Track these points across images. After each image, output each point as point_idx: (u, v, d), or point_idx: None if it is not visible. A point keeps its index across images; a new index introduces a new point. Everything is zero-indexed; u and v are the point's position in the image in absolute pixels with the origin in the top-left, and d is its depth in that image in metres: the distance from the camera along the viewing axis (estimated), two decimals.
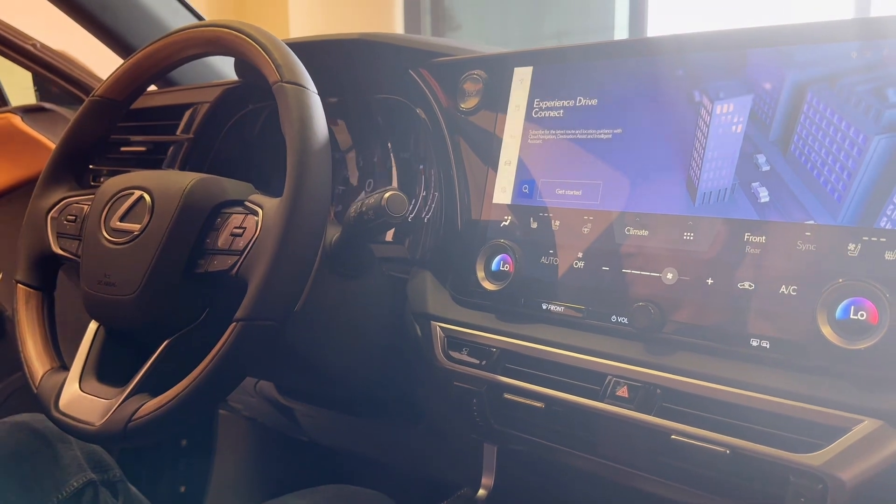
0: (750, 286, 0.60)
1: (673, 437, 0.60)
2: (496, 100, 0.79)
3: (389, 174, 0.97)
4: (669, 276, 0.64)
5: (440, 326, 0.77)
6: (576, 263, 0.70)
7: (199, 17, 1.22)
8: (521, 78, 0.77)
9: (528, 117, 0.76)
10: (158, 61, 0.78)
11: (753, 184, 0.62)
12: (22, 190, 1.32)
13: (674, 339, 0.63)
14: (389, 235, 0.93)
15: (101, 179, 1.07)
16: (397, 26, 3.85)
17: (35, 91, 1.45)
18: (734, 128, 0.63)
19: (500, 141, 0.78)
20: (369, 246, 0.80)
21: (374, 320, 0.83)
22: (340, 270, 0.77)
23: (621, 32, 3.61)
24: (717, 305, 0.62)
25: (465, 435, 0.80)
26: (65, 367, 0.75)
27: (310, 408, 1.01)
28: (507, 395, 0.70)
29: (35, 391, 0.74)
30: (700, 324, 0.62)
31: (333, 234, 0.75)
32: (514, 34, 4.19)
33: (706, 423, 0.59)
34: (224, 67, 1.18)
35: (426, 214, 0.90)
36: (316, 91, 0.68)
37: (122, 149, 1.05)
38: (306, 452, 1.21)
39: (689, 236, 0.64)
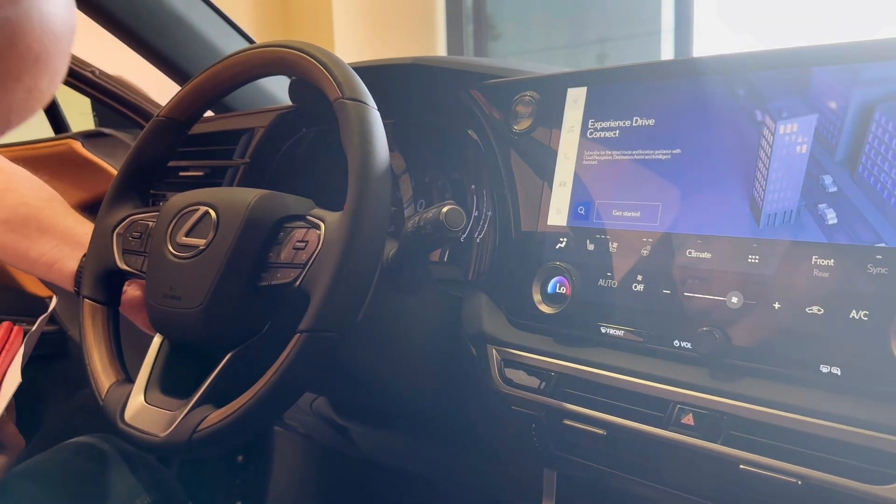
0: (819, 311, 0.59)
1: (742, 466, 0.59)
2: (549, 120, 0.79)
3: (441, 194, 0.97)
4: (734, 299, 0.63)
5: (496, 349, 0.77)
6: (635, 286, 0.69)
7: (252, 42, 1.24)
8: (575, 98, 0.77)
9: (583, 138, 0.76)
10: (221, 82, 0.80)
11: (820, 205, 0.60)
12: (83, 213, 1.36)
13: (740, 364, 0.62)
14: (441, 255, 0.94)
15: (161, 203, 1.09)
16: (440, 36, 3.87)
17: (93, 116, 1.49)
18: (799, 148, 0.62)
19: (553, 162, 0.78)
20: (426, 261, 0.80)
21: (429, 336, 0.83)
22: (397, 285, 0.78)
23: (667, 36, 3.57)
24: (785, 330, 0.60)
25: (523, 459, 0.79)
26: (129, 380, 0.76)
27: (365, 427, 1.01)
28: (567, 421, 0.69)
29: (101, 403, 0.75)
30: (767, 349, 0.61)
31: (390, 249, 0.76)
32: (557, 41, 4.17)
33: (776, 452, 0.58)
34: (277, 92, 1.19)
35: (479, 234, 0.90)
36: (376, 107, 0.69)
37: (181, 173, 1.07)
38: (361, 471, 1.21)
39: (755, 259, 0.63)
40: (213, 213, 0.72)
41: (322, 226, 0.67)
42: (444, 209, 0.69)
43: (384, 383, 0.83)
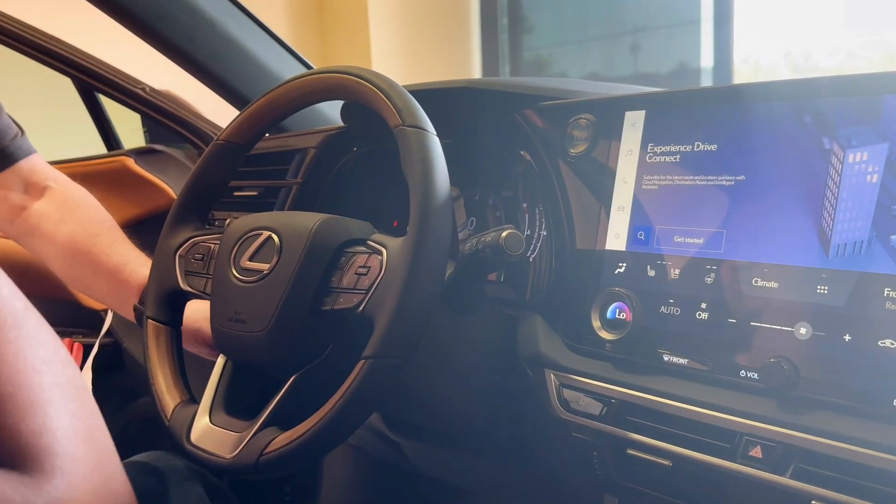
0: (892, 344, 0.58)
1: (813, 502, 0.58)
2: (606, 143, 0.78)
3: (493, 212, 0.97)
4: (803, 330, 0.62)
5: (554, 373, 0.77)
6: (699, 314, 0.69)
7: (307, 64, 1.25)
8: (633, 122, 0.76)
9: (642, 162, 0.75)
10: (280, 106, 0.81)
11: (893, 236, 0.59)
12: (136, 228, 1.39)
13: (809, 397, 0.61)
14: (497, 274, 0.94)
15: (216, 223, 1.11)
16: (474, 27, 3.86)
17: (144, 132, 1.52)
18: (869, 177, 0.61)
19: (611, 186, 0.77)
20: (483, 282, 0.81)
21: (484, 357, 0.83)
22: (454, 306, 0.78)
23: (707, 24, 3.50)
24: (856, 363, 0.59)
25: (581, 482, 0.79)
26: (193, 400, 0.78)
27: (418, 443, 1.02)
28: (631, 451, 0.69)
29: (167, 424, 0.76)
30: (838, 382, 0.60)
31: (448, 269, 0.76)
32: (592, 32, 4.13)
33: (849, 487, 0.57)
34: (329, 111, 1.20)
35: (531, 254, 0.90)
36: (435, 133, 0.69)
37: (236, 193, 1.09)
38: (412, 484, 1.22)
39: (824, 290, 0.62)
40: (275, 238, 0.73)
41: (384, 252, 0.68)
42: (504, 233, 0.69)
43: (438, 402, 0.84)
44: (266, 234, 0.74)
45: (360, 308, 0.67)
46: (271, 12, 3.41)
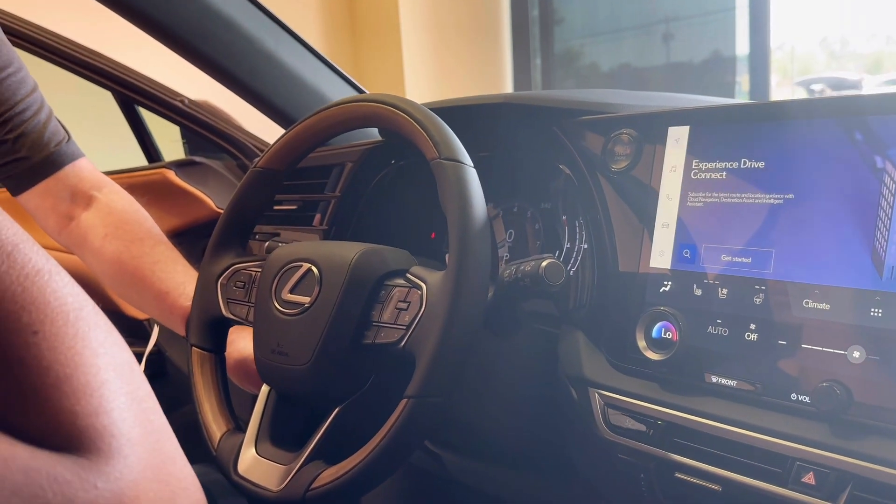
0: None
1: None
2: (649, 159, 0.77)
3: (531, 225, 0.97)
4: (856, 354, 0.61)
5: (598, 393, 0.77)
6: (748, 335, 0.68)
7: (342, 76, 1.25)
8: (677, 138, 0.75)
9: (687, 178, 0.74)
10: (316, 133, 0.82)
11: None
12: (177, 238, 1.40)
13: (863, 422, 0.60)
14: None
15: (258, 236, 1.12)
16: (504, 19, 3.84)
17: (183, 143, 1.54)
18: None
19: (654, 202, 0.76)
20: (521, 307, 0.81)
21: (525, 377, 0.83)
22: (493, 329, 0.78)
23: (742, 12, 3.44)
24: None
25: (626, 500, 0.79)
26: (239, 429, 0.79)
27: (459, 456, 1.02)
28: (679, 475, 0.68)
29: (214, 453, 0.78)
30: (892, 407, 0.59)
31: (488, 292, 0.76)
32: (623, 22, 4.08)
33: None
34: None
35: (572, 267, 0.90)
36: (472, 165, 0.69)
37: (276, 207, 1.10)
38: (453, 494, 1.23)
39: (877, 312, 0.60)
40: (315, 270, 0.73)
41: (423, 287, 0.68)
42: (544, 263, 0.69)
43: (480, 422, 0.84)
44: (306, 266, 0.75)
45: (402, 344, 0.68)
46: (304, 21, 3.44)
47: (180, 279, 0.96)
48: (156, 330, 1.03)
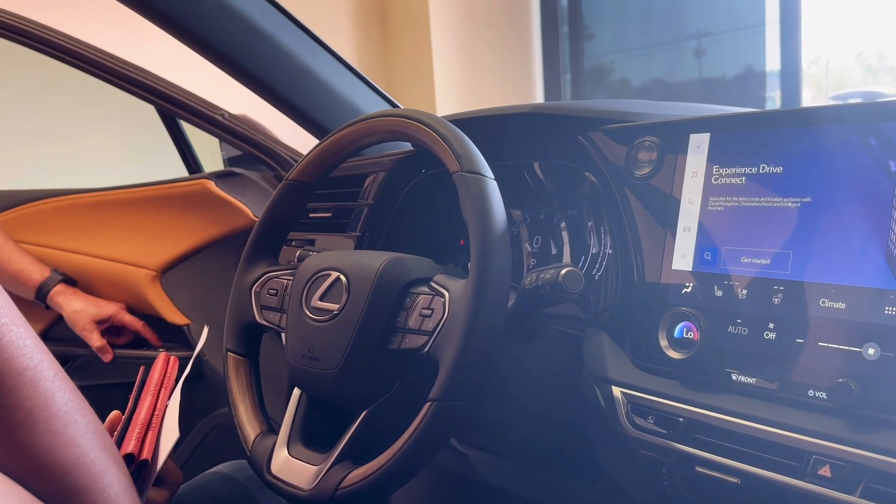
0: None
1: None
2: (671, 166, 0.80)
3: (558, 231, 1.00)
4: (871, 351, 0.63)
5: (622, 391, 0.79)
6: (766, 334, 0.70)
7: (376, 89, 1.30)
8: (698, 144, 0.78)
9: (708, 184, 0.77)
10: (344, 146, 0.86)
11: None
12: (216, 246, 1.46)
13: (879, 416, 0.62)
14: None
15: (293, 243, 1.17)
16: (534, 36, 3.87)
17: (222, 155, 1.60)
18: None
19: (676, 207, 0.79)
20: (543, 311, 0.83)
21: (548, 382, 0.85)
22: (514, 336, 0.81)
23: (772, 27, 3.44)
24: None
25: (648, 496, 0.81)
26: (272, 431, 0.83)
27: (485, 454, 1.05)
28: (699, 469, 0.70)
29: (248, 454, 0.82)
30: None
31: (509, 301, 0.79)
32: (654, 38, 4.10)
33: None
34: None
35: (597, 272, 0.92)
36: (493, 178, 0.73)
37: (311, 215, 1.14)
38: (479, 494, 1.25)
39: (892, 311, 0.62)
40: (343, 279, 0.77)
41: (446, 295, 0.72)
42: (563, 272, 0.72)
43: (504, 424, 0.87)
44: (335, 275, 0.78)
45: (426, 349, 0.71)
46: (335, 25, 3.51)
47: (28, 263, 1.43)
48: (204, 334, 1.07)
